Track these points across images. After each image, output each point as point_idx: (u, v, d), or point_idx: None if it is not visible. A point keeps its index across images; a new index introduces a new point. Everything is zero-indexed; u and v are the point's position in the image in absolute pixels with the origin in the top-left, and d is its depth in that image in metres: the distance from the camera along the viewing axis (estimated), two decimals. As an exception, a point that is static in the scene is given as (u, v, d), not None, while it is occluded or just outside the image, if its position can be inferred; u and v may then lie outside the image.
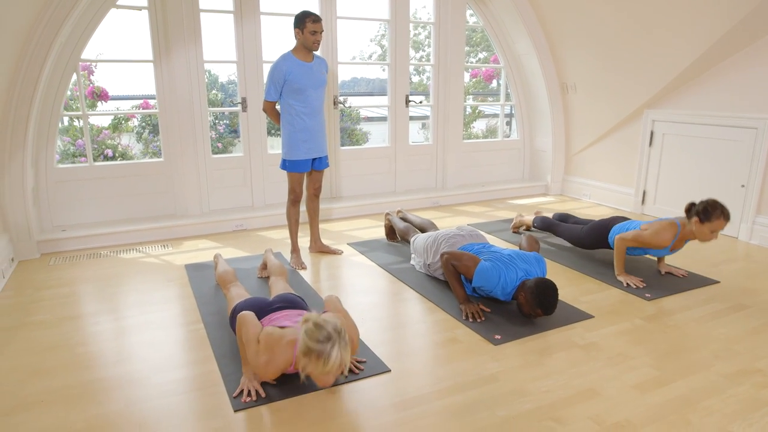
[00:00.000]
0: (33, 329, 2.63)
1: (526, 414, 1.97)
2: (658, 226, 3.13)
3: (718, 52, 3.99)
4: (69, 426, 1.89)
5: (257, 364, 2.01)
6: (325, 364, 1.82)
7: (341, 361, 1.85)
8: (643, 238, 3.14)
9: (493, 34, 5.37)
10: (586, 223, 3.66)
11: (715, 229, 2.97)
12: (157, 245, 3.94)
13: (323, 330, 1.86)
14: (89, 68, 4.52)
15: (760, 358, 2.37)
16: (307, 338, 1.85)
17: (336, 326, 1.89)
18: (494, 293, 2.75)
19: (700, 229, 2.99)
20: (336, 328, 1.88)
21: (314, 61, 3.31)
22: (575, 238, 3.65)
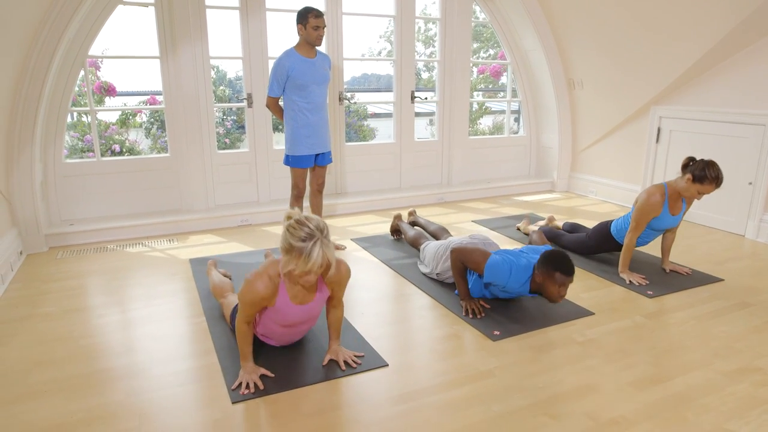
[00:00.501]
0: (39, 321, 2.68)
1: (521, 409, 1.97)
2: (645, 192, 3.14)
3: (725, 48, 3.95)
4: (70, 415, 1.93)
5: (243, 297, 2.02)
6: (307, 261, 1.79)
7: (323, 260, 1.81)
8: (637, 211, 3.14)
9: (499, 30, 5.35)
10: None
11: (703, 192, 2.99)
12: (162, 239, 3.98)
13: (305, 227, 1.82)
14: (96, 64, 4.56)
15: (761, 356, 2.36)
16: (289, 235, 1.82)
17: (319, 224, 1.85)
18: (509, 287, 2.65)
19: (689, 186, 3.01)
20: (319, 225, 1.84)
21: (317, 57, 3.33)
22: (580, 244, 3.59)
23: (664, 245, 3.35)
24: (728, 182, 4.11)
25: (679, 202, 3.16)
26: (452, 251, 2.84)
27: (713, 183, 2.96)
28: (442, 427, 1.87)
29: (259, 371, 2.15)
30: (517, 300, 2.91)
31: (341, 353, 2.28)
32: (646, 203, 3.11)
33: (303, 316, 2.17)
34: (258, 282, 2.02)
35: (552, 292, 2.52)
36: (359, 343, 2.44)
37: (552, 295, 2.54)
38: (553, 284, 2.49)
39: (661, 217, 3.15)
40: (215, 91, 6.64)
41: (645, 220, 3.15)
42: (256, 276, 2.04)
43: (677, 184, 3.09)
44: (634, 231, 3.17)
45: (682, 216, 3.21)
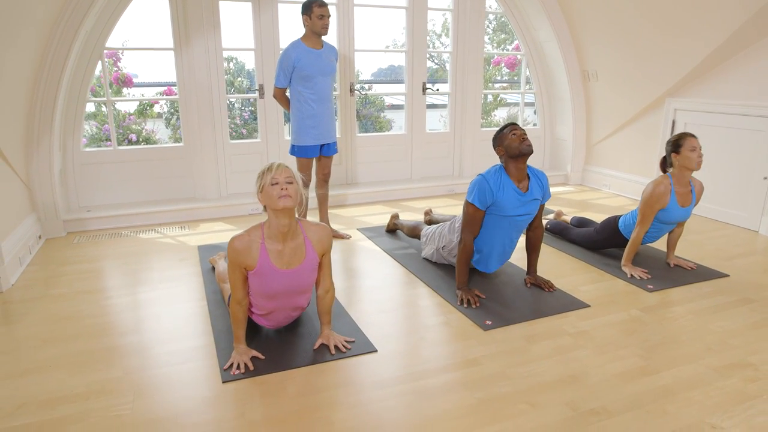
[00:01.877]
0: (51, 301, 2.82)
1: (501, 397, 2.00)
2: (651, 183, 3.11)
3: (739, 40, 3.84)
4: (70, 389, 2.04)
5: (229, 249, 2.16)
6: (270, 170, 2.05)
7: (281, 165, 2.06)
8: (643, 204, 3.09)
9: (514, 21, 5.31)
10: None
11: (692, 148, 2.98)
12: (175, 227, 4.11)
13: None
14: (116, 55, 4.70)
15: (755, 352, 2.33)
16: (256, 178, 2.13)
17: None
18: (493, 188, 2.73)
19: (681, 159, 3.01)
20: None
21: (323, 49, 3.37)
22: (587, 238, 3.57)
23: (671, 239, 3.31)
24: (743, 176, 4.03)
25: (689, 194, 3.11)
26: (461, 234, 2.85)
27: (686, 135, 3.00)
28: (421, 412, 1.92)
29: (250, 353, 2.23)
30: (513, 290, 2.93)
31: (332, 338, 2.34)
32: (652, 194, 3.07)
33: (288, 283, 2.21)
34: (235, 240, 2.15)
35: (512, 141, 2.71)
36: (352, 329, 2.50)
37: (513, 142, 2.71)
38: (507, 138, 2.73)
39: (669, 209, 3.09)
40: (233, 82, 6.77)
41: (652, 213, 3.09)
42: (234, 236, 2.18)
43: (677, 169, 3.06)
44: (641, 225, 3.13)
45: (692, 209, 3.16)
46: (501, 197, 2.75)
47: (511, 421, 1.87)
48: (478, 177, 2.78)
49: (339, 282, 3.10)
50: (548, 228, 3.89)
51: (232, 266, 2.16)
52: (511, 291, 2.93)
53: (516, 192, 2.76)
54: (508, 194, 2.75)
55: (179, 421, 1.86)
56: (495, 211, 2.79)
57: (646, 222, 3.13)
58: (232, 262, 2.15)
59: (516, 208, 2.79)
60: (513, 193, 2.76)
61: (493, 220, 2.82)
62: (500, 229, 2.85)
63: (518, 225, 2.87)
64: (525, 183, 2.80)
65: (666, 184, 3.06)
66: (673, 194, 3.06)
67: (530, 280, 3.00)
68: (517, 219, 2.82)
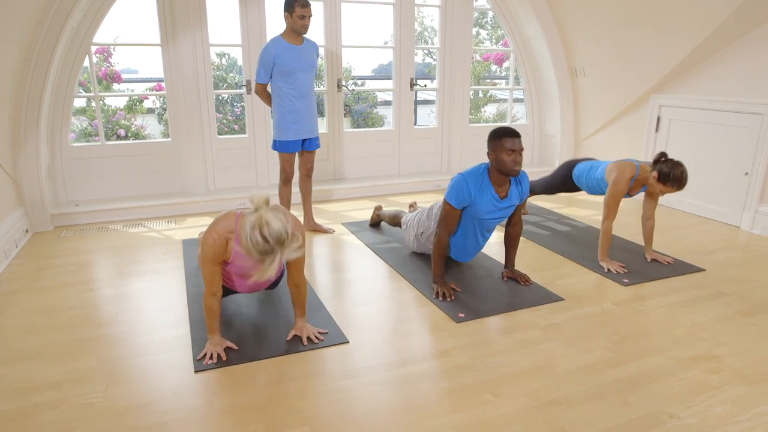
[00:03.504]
0: (34, 293, 2.86)
1: (466, 387, 2.05)
2: (617, 169, 3.18)
3: (721, 37, 3.87)
4: (46, 378, 2.09)
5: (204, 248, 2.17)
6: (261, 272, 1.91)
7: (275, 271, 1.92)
8: (610, 197, 3.17)
9: (502, 17, 5.33)
10: None
11: (664, 191, 3.07)
12: (162, 221, 4.15)
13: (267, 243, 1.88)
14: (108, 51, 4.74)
15: (722, 344, 2.37)
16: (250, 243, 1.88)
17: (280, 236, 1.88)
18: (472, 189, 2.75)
19: (653, 182, 3.08)
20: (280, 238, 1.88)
21: (304, 45, 3.41)
22: (545, 183, 3.84)
23: (645, 232, 3.35)
24: (725, 172, 4.06)
25: (639, 188, 3.20)
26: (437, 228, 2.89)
27: (675, 185, 3.01)
28: (386, 401, 1.96)
29: (224, 344, 2.27)
30: (489, 284, 2.97)
31: (305, 329, 2.38)
32: (617, 187, 3.15)
33: None
34: (209, 239, 2.15)
35: (506, 161, 2.64)
36: (326, 321, 2.54)
37: (507, 164, 2.65)
38: (503, 151, 2.64)
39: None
40: (226, 77, 6.80)
41: (617, 203, 3.18)
42: (206, 235, 2.19)
43: (646, 173, 3.11)
44: (608, 219, 3.18)
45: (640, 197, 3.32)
46: (478, 200, 2.78)
47: (473, 410, 1.91)
48: (459, 177, 2.80)
49: (318, 275, 3.14)
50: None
51: (206, 262, 2.20)
52: (488, 284, 2.97)
53: (494, 198, 2.79)
54: (485, 198, 2.78)
55: (148, 408, 1.91)
56: (469, 212, 2.83)
57: (612, 215, 3.19)
58: (207, 258, 2.19)
59: (490, 212, 2.82)
60: (491, 198, 2.79)
61: (465, 219, 2.87)
62: (471, 228, 2.91)
63: (488, 226, 2.92)
64: (505, 189, 2.83)
65: (630, 175, 3.15)
66: (632, 181, 3.16)
67: (507, 273, 3.04)
68: (488, 221, 2.87)
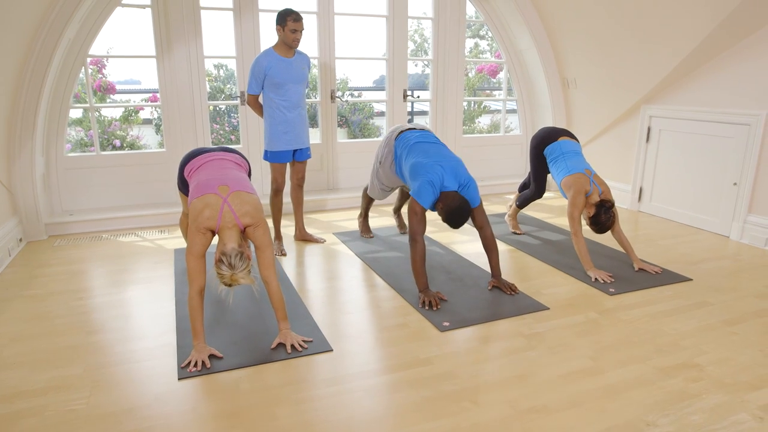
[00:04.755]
0: (24, 301, 2.89)
1: (447, 395, 2.06)
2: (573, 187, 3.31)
3: (709, 47, 3.91)
4: (30, 385, 2.11)
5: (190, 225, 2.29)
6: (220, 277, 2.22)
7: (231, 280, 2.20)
8: (570, 206, 3.29)
9: (495, 29, 5.39)
10: None
11: (588, 213, 3.26)
12: (155, 230, 4.19)
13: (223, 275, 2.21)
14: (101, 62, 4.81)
15: (703, 353, 2.38)
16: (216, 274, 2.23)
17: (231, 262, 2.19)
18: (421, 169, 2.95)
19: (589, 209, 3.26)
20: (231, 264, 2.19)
21: (295, 57, 3.46)
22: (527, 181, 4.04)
23: (619, 241, 3.39)
24: (714, 182, 4.09)
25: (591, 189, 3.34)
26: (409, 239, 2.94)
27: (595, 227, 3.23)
28: (367, 408, 1.98)
29: (208, 351, 2.29)
30: (476, 293, 2.99)
31: (289, 337, 2.40)
32: (576, 204, 3.27)
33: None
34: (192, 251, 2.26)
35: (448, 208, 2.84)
36: (311, 329, 2.56)
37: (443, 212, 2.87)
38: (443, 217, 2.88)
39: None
40: (223, 88, 6.87)
41: (580, 214, 3.29)
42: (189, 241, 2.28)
43: (594, 192, 3.30)
44: (577, 234, 3.27)
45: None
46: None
47: (451, 418, 1.93)
48: (428, 177, 2.88)
49: (307, 284, 3.17)
50: (518, 204, 4.11)
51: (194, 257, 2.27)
52: (474, 294, 2.99)
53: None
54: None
55: (130, 415, 1.93)
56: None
57: (579, 230, 3.27)
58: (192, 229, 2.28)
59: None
60: None
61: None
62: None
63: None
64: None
65: (585, 185, 3.29)
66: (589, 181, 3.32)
67: (493, 282, 3.06)
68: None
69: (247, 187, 2.41)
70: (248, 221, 2.31)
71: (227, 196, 2.30)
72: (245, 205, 2.31)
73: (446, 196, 2.84)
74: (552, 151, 3.61)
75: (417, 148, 3.10)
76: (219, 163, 2.61)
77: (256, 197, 2.40)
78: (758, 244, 3.80)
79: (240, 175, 2.53)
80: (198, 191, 2.35)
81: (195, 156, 2.74)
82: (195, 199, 2.32)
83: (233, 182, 2.38)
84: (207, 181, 2.39)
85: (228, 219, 2.27)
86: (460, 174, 2.92)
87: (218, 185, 2.34)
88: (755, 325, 2.64)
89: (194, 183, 2.49)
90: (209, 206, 2.27)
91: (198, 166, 2.63)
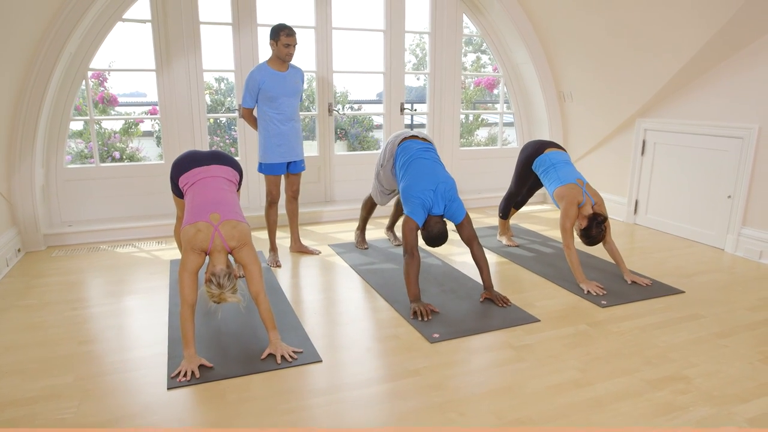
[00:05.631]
0: (19, 311, 2.92)
1: (433, 406, 2.07)
2: (566, 198, 3.31)
3: (702, 61, 3.95)
4: (22, 394, 2.13)
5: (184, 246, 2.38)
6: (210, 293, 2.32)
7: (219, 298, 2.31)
8: (562, 217, 3.30)
9: (491, 43, 5.45)
10: None
11: (580, 226, 3.30)
12: (152, 241, 4.22)
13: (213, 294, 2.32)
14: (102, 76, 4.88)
15: (692, 366, 2.38)
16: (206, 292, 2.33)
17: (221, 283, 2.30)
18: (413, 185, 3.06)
19: (581, 221, 3.29)
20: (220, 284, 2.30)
21: (289, 71, 3.51)
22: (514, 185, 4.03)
23: (611, 253, 3.40)
24: (709, 195, 4.10)
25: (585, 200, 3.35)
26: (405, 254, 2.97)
27: (585, 239, 3.29)
28: (352, 419, 1.99)
29: (198, 361, 2.31)
30: (468, 305, 3.00)
31: (280, 348, 2.42)
32: (568, 215, 3.28)
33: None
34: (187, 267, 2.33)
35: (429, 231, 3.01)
36: (302, 340, 2.58)
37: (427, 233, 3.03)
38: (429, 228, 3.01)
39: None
40: (224, 101, 6.95)
41: (573, 225, 3.30)
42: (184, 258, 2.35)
43: (587, 203, 3.31)
44: (569, 246, 3.28)
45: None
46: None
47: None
48: (419, 200, 2.97)
49: (300, 296, 3.19)
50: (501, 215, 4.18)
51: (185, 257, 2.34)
52: (466, 306, 3.00)
53: None
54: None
55: (118, 424, 1.95)
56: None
57: (571, 243, 3.29)
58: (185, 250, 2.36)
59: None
60: None
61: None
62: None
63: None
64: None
65: (578, 196, 3.30)
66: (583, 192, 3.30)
67: (485, 295, 3.07)
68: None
69: (237, 215, 2.51)
70: (234, 244, 2.42)
71: (218, 224, 2.39)
72: (234, 230, 2.42)
73: (430, 219, 2.99)
74: (541, 163, 3.64)
75: (414, 167, 3.15)
76: (213, 182, 2.66)
77: (244, 225, 2.49)
78: (753, 257, 3.80)
79: (232, 199, 2.61)
80: (191, 217, 2.44)
81: (189, 163, 2.78)
82: (188, 225, 2.41)
83: (224, 210, 2.47)
84: (200, 206, 2.48)
85: (217, 243, 2.38)
86: (448, 195, 3.04)
87: (210, 213, 2.43)
88: (746, 338, 2.64)
89: (188, 204, 2.57)
90: (201, 232, 2.37)
91: (193, 183, 2.68)
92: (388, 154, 3.47)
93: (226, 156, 2.90)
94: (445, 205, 3.01)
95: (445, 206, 3.02)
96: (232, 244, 2.40)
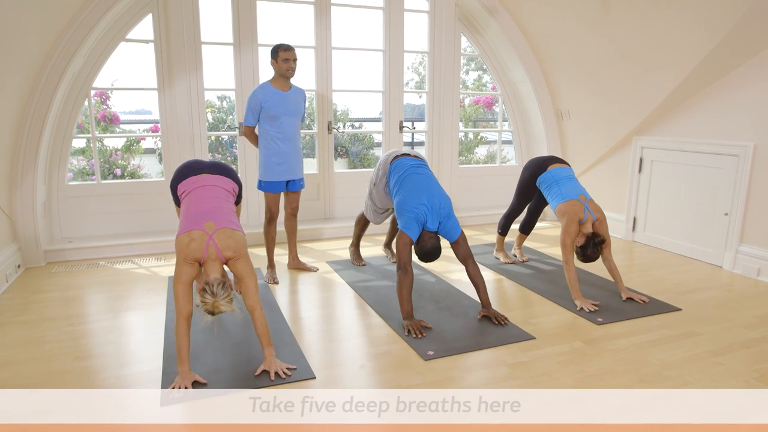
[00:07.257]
0: (17, 327, 2.93)
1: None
2: (567, 214, 3.33)
3: (698, 79, 3.99)
4: (14, 410, 2.14)
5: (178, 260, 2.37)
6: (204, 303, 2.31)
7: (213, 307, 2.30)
8: (563, 234, 3.31)
9: (489, 62, 5.52)
10: None
11: (578, 244, 3.32)
12: (151, 258, 4.25)
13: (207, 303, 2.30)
14: (105, 94, 4.96)
15: (687, 384, 2.37)
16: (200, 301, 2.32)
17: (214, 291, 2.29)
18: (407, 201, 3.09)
19: (580, 238, 3.31)
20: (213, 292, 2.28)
21: (291, 91, 3.57)
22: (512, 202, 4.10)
23: (609, 270, 3.40)
24: (706, 212, 4.11)
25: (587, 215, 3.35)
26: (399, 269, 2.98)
27: (580, 257, 3.32)
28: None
29: (192, 378, 2.32)
30: (463, 322, 3.00)
31: (274, 365, 2.42)
32: (569, 232, 3.29)
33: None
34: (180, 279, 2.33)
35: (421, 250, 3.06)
36: (296, 356, 2.58)
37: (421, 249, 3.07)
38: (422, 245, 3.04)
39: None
40: (226, 119, 7.02)
41: (573, 242, 3.30)
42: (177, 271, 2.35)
43: (588, 220, 3.32)
44: (568, 263, 3.28)
45: None
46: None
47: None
48: (413, 214, 2.99)
49: (297, 312, 3.19)
50: (500, 232, 4.21)
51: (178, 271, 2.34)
52: (461, 323, 3.00)
53: None
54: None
55: (109, 441, 1.95)
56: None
57: (571, 259, 3.30)
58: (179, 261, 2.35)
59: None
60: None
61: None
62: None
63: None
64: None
65: (579, 212, 3.31)
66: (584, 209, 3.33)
67: (483, 312, 3.07)
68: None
69: (232, 224, 2.49)
70: (229, 254, 2.39)
71: (213, 233, 2.38)
72: (229, 240, 2.40)
73: (424, 234, 3.00)
74: (544, 179, 3.66)
75: (408, 182, 3.18)
76: (210, 191, 2.67)
77: (240, 234, 2.48)
78: (750, 274, 3.80)
79: (228, 208, 2.60)
80: (186, 226, 2.42)
81: (189, 172, 2.79)
82: (182, 234, 2.39)
83: (220, 219, 2.46)
84: (195, 214, 2.47)
85: (212, 252, 2.36)
86: (443, 212, 3.04)
87: (205, 221, 2.42)
88: (742, 356, 2.63)
89: (184, 211, 2.56)
90: (195, 240, 2.35)
91: (191, 190, 2.69)
92: (380, 172, 3.50)
93: (226, 167, 2.91)
94: (440, 222, 3.03)
95: (440, 223, 3.03)
96: (228, 254, 2.38)
